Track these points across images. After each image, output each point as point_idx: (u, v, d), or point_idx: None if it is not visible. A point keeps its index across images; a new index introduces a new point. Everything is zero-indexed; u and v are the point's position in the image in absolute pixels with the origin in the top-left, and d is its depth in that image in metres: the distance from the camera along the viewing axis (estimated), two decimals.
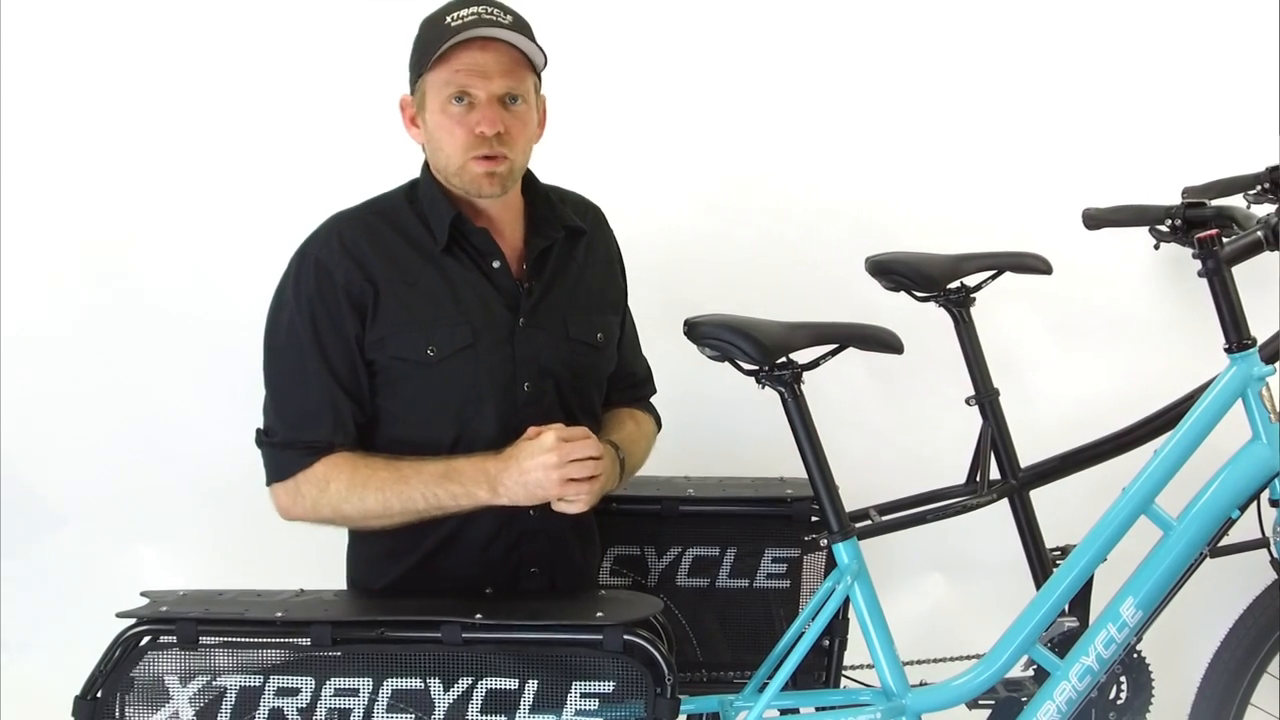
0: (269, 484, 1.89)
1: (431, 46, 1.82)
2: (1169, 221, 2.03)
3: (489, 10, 1.83)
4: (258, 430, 1.90)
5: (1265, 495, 1.93)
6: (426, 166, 1.93)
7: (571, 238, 1.99)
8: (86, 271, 2.70)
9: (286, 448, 1.86)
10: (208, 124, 2.68)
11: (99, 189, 2.69)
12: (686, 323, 1.91)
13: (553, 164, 2.03)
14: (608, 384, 2.05)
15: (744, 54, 2.69)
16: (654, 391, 2.17)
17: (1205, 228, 1.93)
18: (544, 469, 1.76)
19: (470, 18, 1.81)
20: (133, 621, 1.67)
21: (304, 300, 1.86)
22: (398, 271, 1.86)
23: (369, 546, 1.94)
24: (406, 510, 1.82)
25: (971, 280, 2.25)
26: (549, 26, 1.89)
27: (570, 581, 1.95)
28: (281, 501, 1.88)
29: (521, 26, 1.86)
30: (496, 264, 1.90)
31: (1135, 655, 2.10)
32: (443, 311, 1.86)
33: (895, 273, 2.23)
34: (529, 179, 1.97)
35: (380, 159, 2.02)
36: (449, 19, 1.83)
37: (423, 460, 1.83)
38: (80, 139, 2.68)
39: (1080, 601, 2.09)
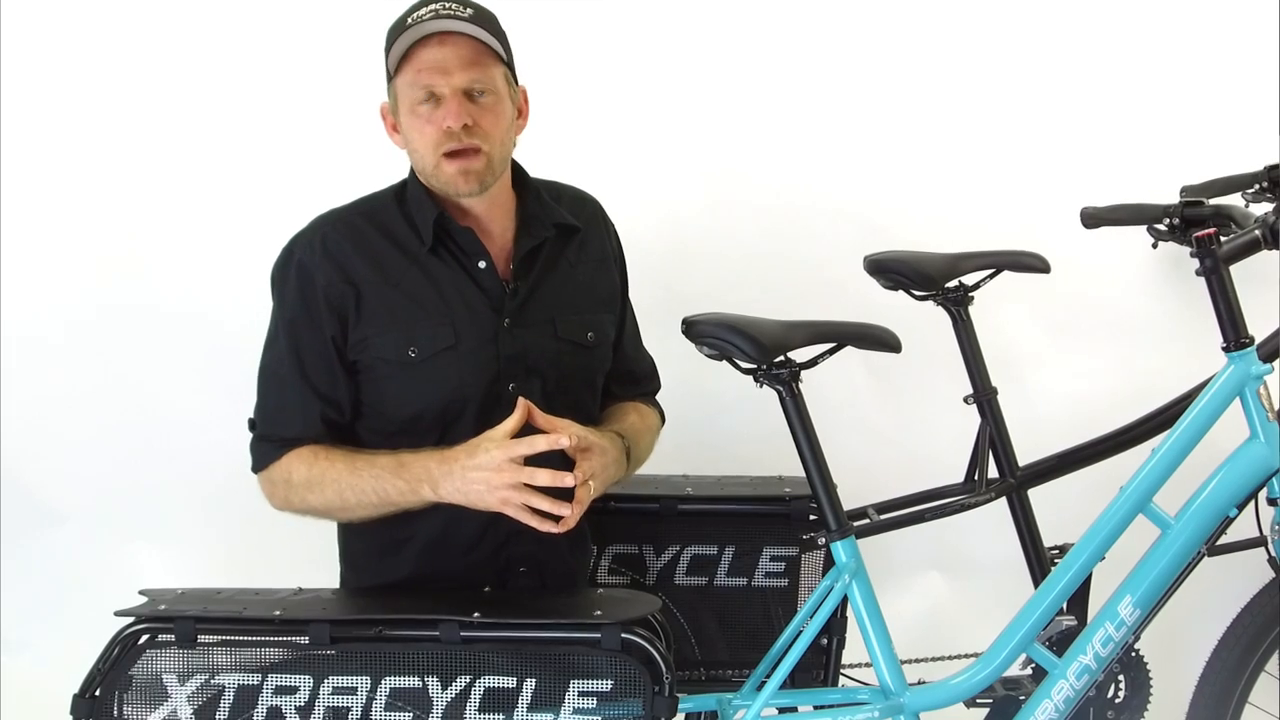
0: (253, 473, 1.92)
1: (394, 51, 1.81)
2: (1167, 220, 2.03)
3: (446, 6, 1.81)
4: (248, 420, 1.93)
5: (1263, 494, 1.93)
6: (413, 168, 1.93)
7: (564, 235, 1.96)
8: (86, 271, 2.69)
9: (262, 440, 1.90)
10: (208, 124, 2.67)
11: (99, 189, 2.68)
12: (684, 321, 1.91)
13: (552, 160, 2.03)
14: (609, 380, 2.04)
15: (743, 52, 2.69)
16: (658, 388, 2.15)
17: (1203, 226, 1.93)
18: (485, 484, 1.72)
19: (427, 15, 1.79)
20: (131, 620, 1.68)
21: (287, 302, 1.88)
22: (381, 273, 1.86)
23: (357, 545, 1.95)
24: (362, 503, 1.81)
25: (970, 279, 2.25)
26: (550, 22, 1.88)
27: (560, 581, 1.94)
28: (263, 490, 1.91)
29: (482, 19, 1.83)
30: (482, 264, 1.88)
31: (1133, 654, 2.11)
32: (425, 312, 1.86)
33: (893, 271, 2.23)
34: (520, 176, 1.96)
35: (379, 159, 2.02)
36: (409, 20, 1.81)
37: (377, 454, 1.82)
38: (80, 139, 2.67)
39: (1078, 600, 2.09)
